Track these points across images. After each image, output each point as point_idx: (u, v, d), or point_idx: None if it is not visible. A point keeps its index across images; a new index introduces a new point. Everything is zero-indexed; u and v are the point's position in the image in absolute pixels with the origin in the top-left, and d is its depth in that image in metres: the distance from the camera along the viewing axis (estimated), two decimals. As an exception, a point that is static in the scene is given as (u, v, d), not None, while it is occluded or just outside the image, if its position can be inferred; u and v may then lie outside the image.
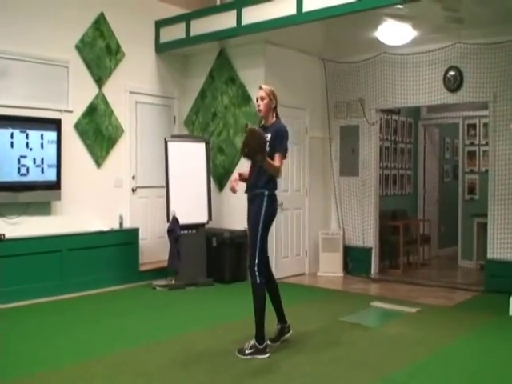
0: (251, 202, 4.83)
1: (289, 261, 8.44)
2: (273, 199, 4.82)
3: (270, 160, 4.63)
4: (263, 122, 4.97)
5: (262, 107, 4.89)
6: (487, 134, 8.02)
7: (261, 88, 4.92)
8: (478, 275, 8.54)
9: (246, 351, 4.67)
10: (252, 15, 7.28)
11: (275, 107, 4.92)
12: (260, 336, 4.69)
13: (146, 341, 5.15)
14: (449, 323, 5.90)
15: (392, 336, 5.36)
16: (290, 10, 6.89)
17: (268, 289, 4.87)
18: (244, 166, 8.10)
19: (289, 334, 5.05)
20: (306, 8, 6.75)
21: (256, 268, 4.72)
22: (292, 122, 8.45)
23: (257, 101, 4.93)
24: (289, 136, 4.94)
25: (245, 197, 4.88)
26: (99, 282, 7.29)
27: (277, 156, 4.74)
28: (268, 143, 4.70)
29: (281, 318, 5.02)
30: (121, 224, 7.85)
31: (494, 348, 5.06)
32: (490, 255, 7.54)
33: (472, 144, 9.83)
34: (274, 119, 4.92)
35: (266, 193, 4.75)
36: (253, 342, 4.69)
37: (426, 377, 4.28)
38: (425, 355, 4.79)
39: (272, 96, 4.88)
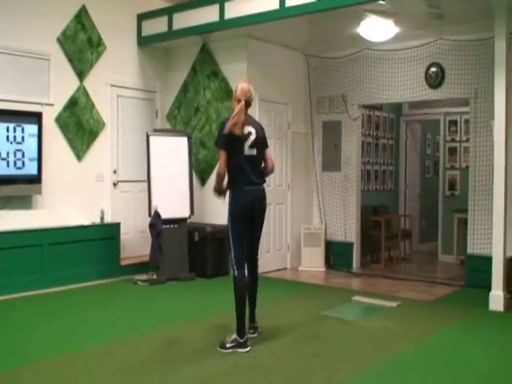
0: None
1: (271, 255, 8.45)
2: (235, 198, 4.87)
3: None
4: None
5: None
6: (468, 131, 8.07)
7: None
8: (458, 270, 8.63)
9: (227, 345, 4.67)
10: (234, 9, 7.26)
11: (235, 100, 4.86)
12: (241, 329, 4.70)
13: (128, 334, 5.14)
14: (430, 317, 5.95)
15: (373, 330, 5.40)
16: (272, 4, 6.88)
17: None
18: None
19: (253, 335, 5.01)
20: (289, 3, 6.74)
21: (233, 262, 4.80)
22: (275, 117, 8.49)
23: None
24: (224, 126, 4.80)
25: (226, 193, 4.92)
26: (80, 276, 7.24)
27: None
28: None
29: (251, 316, 5.08)
30: (102, 218, 7.79)
31: (475, 342, 5.12)
32: (470, 250, 7.61)
33: (453, 140, 9.91)
34: None
35: (229, 194, 4.92)
36: (234, 335, 4.69)
37: (407, 370, 4.32)
38: (406, 349, 4.83)
39: (234, 91, 4.95)
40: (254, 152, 4.87)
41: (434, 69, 7.86)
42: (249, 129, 4.83)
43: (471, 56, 7.56)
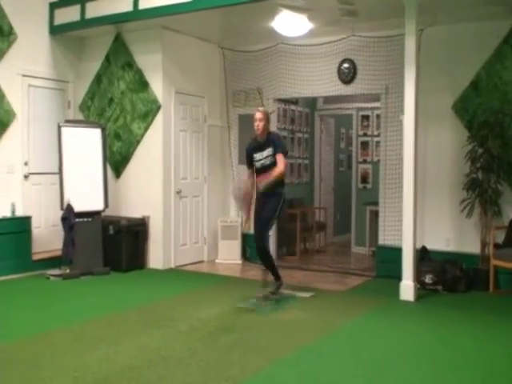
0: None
1: (187, 248, 8.42)
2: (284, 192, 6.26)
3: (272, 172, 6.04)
4: (259, 139, 6.21)
5: (260, 128, 6.12)
6: (380, 125, 8.31)
7: (258, 111, 6.18)
8: (370, 261, 8.87)
9: (275, 295, 6.24)
10: (149, 0, 7.17)
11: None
12: (278, 275, 6.37)
13: (38, 330, 5.01)
14: (341, 307, 6.11)
15: (286, 321, 5.49)
16: (186, -5, 6.85)
17: None
18: (140, 156, 8.03)
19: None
20: (204, -5, 6.74)
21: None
22: (191, 110, 8.45)
23: (255, 121, 6.11)
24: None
25: (142, 185, 4.87)
26: (-10, 271, 7.00)
27: (280, 156, 6.06)
28: (271, 150, 6.10)
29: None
30: (13, 212, 7.52)
31: (384, 330, 5.28)
32: (381, 242, 7.85)
33: (365, 134, 10.18)
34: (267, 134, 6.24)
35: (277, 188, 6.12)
36: (276, 283, 6.32)
37: (316, 359, 4.41)
38: (317, 338, 4.94)
39: (268, 117, 6.22)
40: None
41: (346, 65, 8.03)
42: None
43: (382, 52, 7.75)
